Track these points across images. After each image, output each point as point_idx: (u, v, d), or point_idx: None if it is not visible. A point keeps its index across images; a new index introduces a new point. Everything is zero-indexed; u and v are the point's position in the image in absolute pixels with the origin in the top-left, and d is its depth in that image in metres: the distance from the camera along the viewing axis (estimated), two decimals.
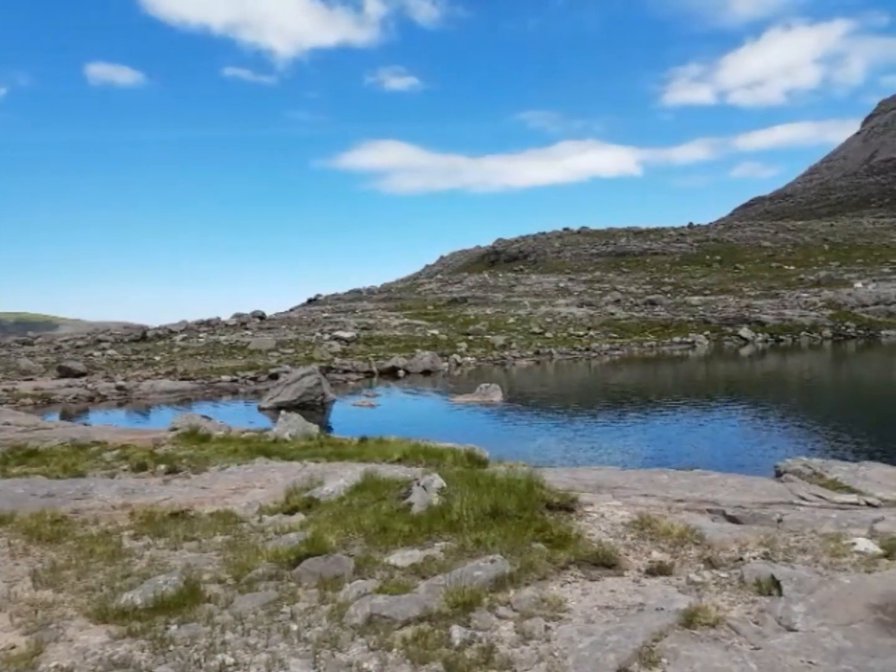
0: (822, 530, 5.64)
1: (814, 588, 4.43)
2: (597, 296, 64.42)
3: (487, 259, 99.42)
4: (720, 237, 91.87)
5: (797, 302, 56.78)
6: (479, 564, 5.03)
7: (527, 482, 6.78)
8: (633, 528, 5.89)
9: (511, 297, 66.83)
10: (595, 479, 7.85)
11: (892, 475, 8.00)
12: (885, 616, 4.12)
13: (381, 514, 6.53)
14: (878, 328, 50.13)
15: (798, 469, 8.12)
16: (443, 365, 38.40)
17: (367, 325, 50.64)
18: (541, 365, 40.19)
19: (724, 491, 7.05)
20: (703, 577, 4.84)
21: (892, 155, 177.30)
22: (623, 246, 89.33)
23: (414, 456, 9.23)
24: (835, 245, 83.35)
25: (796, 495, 6.86)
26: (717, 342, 47.95)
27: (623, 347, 45.91)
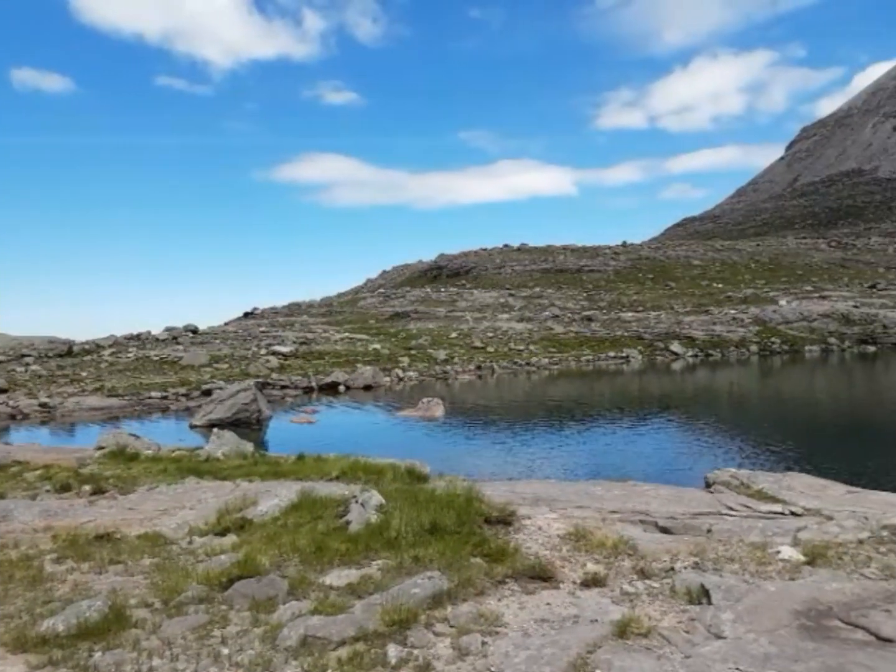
0: (748, 539, 5.83)
1: (741, 596, 4.57)
2: (536, 311, 65.44)
3: (430, 274, 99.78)
4: (652, 256, 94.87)
5: (725, 318, 59.00)
6: (416, 582, 5.00)
7: (466, 497, 6.79)
8: (569, 540, 5.96)
9: (453, 311, 67.18)
10: (533, 492, 7.92)
11: (814, 485, 8.35)
12: (807, 621, 4.29)
13: (318, 533, 6.41)
14: (802, 344, 52.56)
15: (726, 480, 8.39)
16: (385, 380, 38.17)
17: (307, 339, 49.94)
18: (482, 379, 40.45)
19: (657, 502, 7.22)
20: (636, 587, 4.93)
21: (814, 179, 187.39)
22: (561, 263, 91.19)
23: (353, 473, 9.11)
24: (761, 264, 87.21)
25: (725, 505, 7.08)
26: (650, 357, 49.33)
27: (561, 362, 46.70)
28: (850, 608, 4.43)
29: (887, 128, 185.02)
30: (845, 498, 7.71)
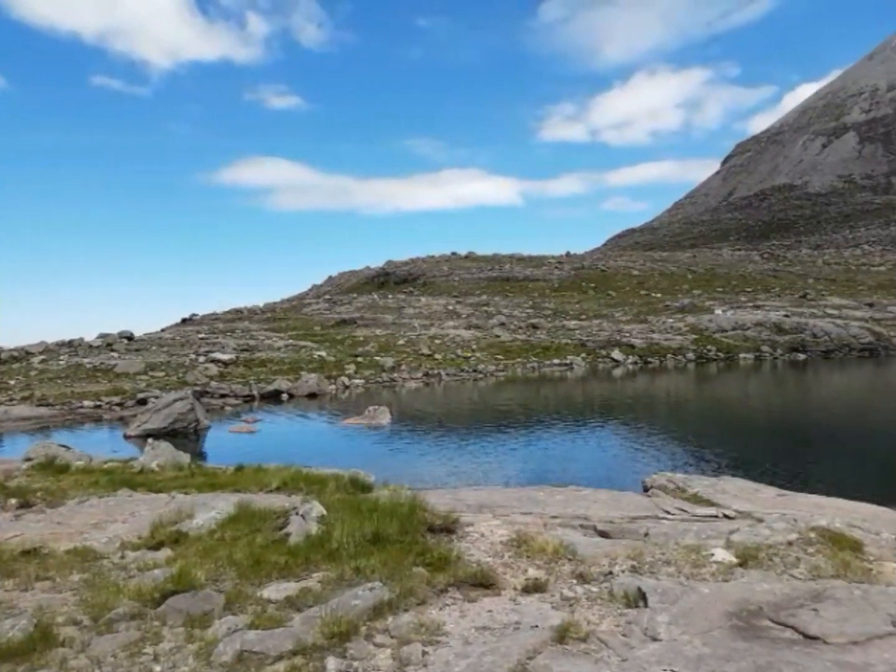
0: (684, 542, 5.98)
1: (677, 598, 4.68)
2: (483, 318, 65.89)
3: (377, 280, 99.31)
4: (595, 266, 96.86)
5: (664, 327, 60.64)
6: (357, 593, 4.95)
7: (410, 506, 6.77)
8: (512, 546, 6.00)
9: (401, 318, 67.00)
10: (477, 499, 7.94)
11: (746, 489, 8.64)
12: (739, 622, 4.42)
13: (256, 546, 6.28)
14: (736, 351, 54.42)
15: (663, 484, 8.59)
16: (330, 387, 37.71)
17: (248, 346, 48.94)
18: (430, 386, 40.43)
19: (596, 506, 7.34)
20: (575, 592, 4.99)
21: (747, 193, 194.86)
22: (508, 272, 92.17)
23: (294, 484, 8.95)
24: (697, 275, 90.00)
25: (661, 509, 7.25)
26: (593, 364, 50.25)
27: (508, 368, 47.11)
28: (780, 608, 4.58)
29: (817, 145, 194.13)
30: (776, 501, 8.00)
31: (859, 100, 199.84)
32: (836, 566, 5.37)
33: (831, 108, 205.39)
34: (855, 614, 4.47)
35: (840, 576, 5.23)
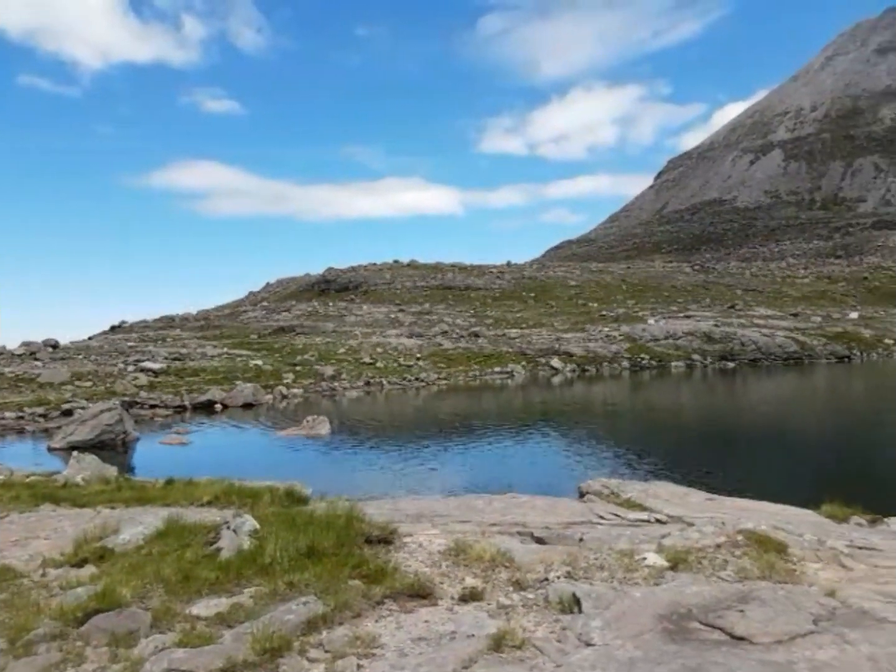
0: (617, 547, 6.09)
1: (610, 603, 4.75)
2: (426, 327, 65.92)
3: (318, 287, 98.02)
4: (534, 276, 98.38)
5: (600, 336, 62.02)
6: (290, 607, 4.86)
7: (347, 517, 6.68)
8: (450, 555, 5.98)
9: (342, 326, 66.33)
10: (416, 508, 7.90)
11: (677, 493, 8.88)
12: (669, 625, 4.51)
13: (185, 561, 6.08)
14: (668, 360, 56.11)
15: (598, 489, 8.76)
16: (266, 397, 36.94)
17: (180, 355, 47.52)
18: (371, 395, 40.13)
19: (534, 513, 7.41)
20: (512, 599, 5.01)
21: (679, 207, 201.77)
22: (450, 280, 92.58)
23: (227, 497, 8.70)
24: (631, 285, 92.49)
25: (596, 514, 7.37)
26: (533, 372, 50.93)
27: (450, 377, 47.25)
28: (709, 610, 4.71)
29: (745, 162, 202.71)
30: (705, 504, 8.25)
31: (785, 119, 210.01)
32: (761, 568, 5.56)
33: (759, 127, 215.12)
34: (779, 614, 4.63)
35: (766, 577, 5.41)
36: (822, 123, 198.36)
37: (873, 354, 57.47)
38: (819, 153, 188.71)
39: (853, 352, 57.35)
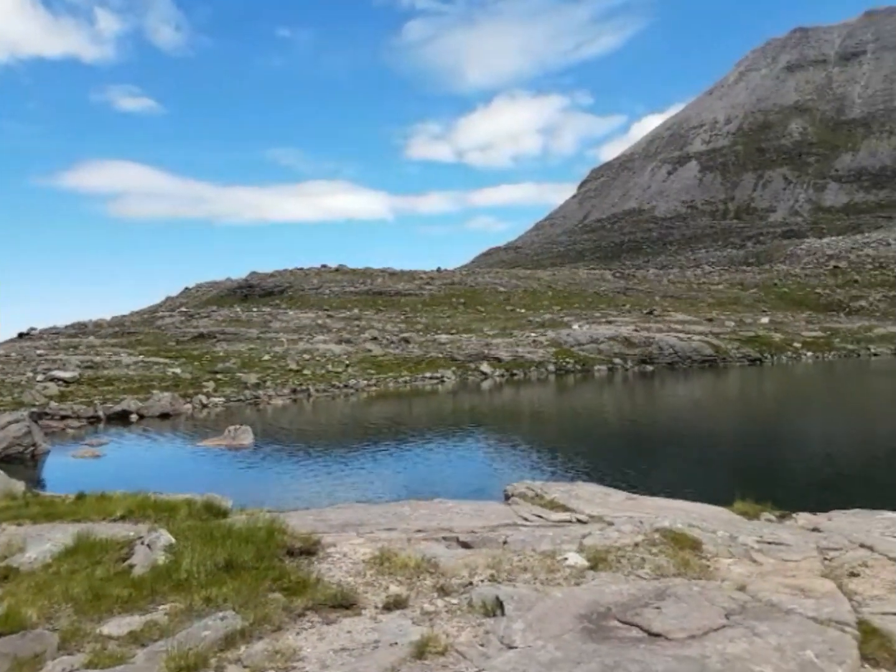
0: (540, 548, 6.17)
1: (532, 605, 4.80)
2: (355, 333, 65.30)
3: (240, 292, 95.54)
4: (464, 282, 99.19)
5: (527, 341, 63.07)
6: (207, 623, 4.70)
7: (267, 530, 6.52)
8: (374, 564, 5.91)
9: (266, 332, 64.86)
10: (341, 518, 7.78)
11: (598, 493, 9.09)
12: (590, 624, 4.60)
13: (96, 579, 5.80)
14: (592, 364, 57.59)
15: (523, 492, 8.86)
16: (185, 407, 35.67)
17: (94, 363, 45.36)
18: (298, 403, 39.37)
19: (460, 517, 7.42)
20: (436, 605, 5.00)
21: (601, 216, 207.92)
22: (380, 286, 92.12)
23: (141, 512, 8.32)
24: (557, 292, 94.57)
25: (520, 517, 7.45)
26: (463, 377, 51.27)
27: (380, 383, 46.94)
28: (627, 608, 4.82)
29: (663, 172, 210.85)
30: (625, 504, 8.48)
31: (700, 131, 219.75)
32: (677, 565, 5.74)
33: (676, 139, 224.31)
34: (694, 610, 4.79)
35: (681, 574, 5.60)
36: (735, 136, 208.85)
37: (783, 357, 60.68)
38: (732, 165, 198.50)
39: (764, 355, 60.38)
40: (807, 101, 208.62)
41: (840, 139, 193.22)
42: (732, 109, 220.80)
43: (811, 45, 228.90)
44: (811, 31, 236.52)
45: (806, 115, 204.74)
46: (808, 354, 61.55)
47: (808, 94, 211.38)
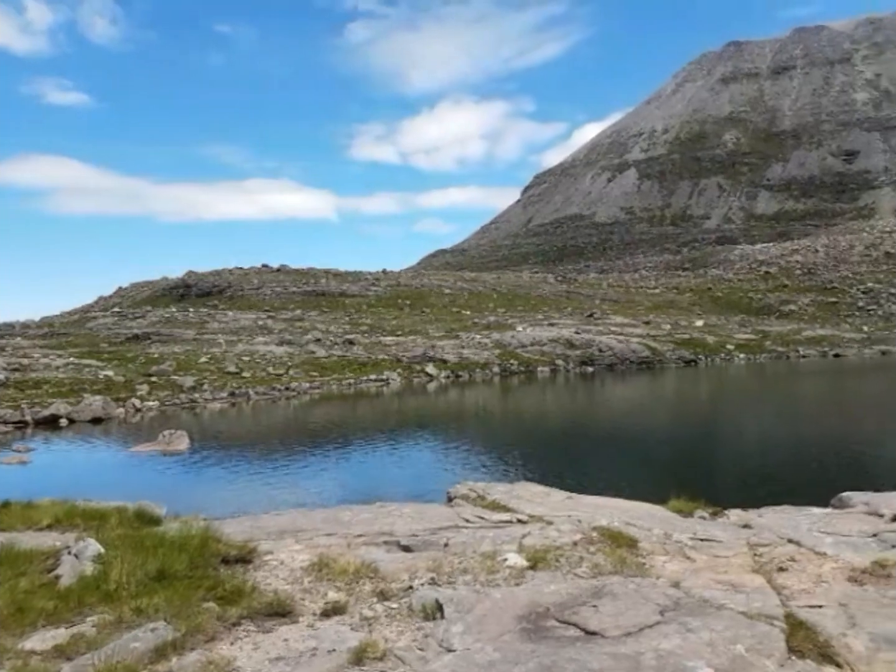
0: (481, 550, 6.19)
1: (471, 606, 4.80)
2: (297, 334, 64.30)
3: (177, 292, 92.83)
4: (410, 283, 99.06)
5: (472, 342, 63.44)
6: (137, 635, 4.54)
7: (201, 538, 6.34)
8: (312, 570, 5.82)
9: (204, 334, 63.22)
10: (279, 524, 7.63)
11: (539, 493, 9.19)
12: (528, 624, 4.62)
13: (19, 591, 5.53)
14: (535, 365, 58.33)
15: (465, 493, 8.88)
16: (118, 411, 34.40)
17: (21, 365, 43.36)
18: (236, 407, 38.47)
19: (402, 521, 7.37)
20: (375, 610, 4.95)
21: (544, 221, 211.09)
22: (324, 286, 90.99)
23: (70, 520, 7.98)
24: (501, 294, 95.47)
25: (462, 518, 7.46)
26: (408, 379, 51.14)
27: (323, 386, 46.33)
28: (565, 607, 4.87)
29: (603, 179, 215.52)
30: (564, 503, 8.59)
31: (639, 140, 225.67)
32: (614, 563, 5.84)
33: (616, 147, 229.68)
34: (629, 607, 4.88)
35: (618, 572, 5.69)
36: (672, 145, 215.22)
37: (716, 359, 62.76)
38: (669, 173, 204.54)
39: (698, 356, 62.32)
40: (740, 112, 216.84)
41: (771, 150, 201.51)
42: (669, 119, 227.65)
43: (745, 58, 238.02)
44: (744, 45, 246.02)
45: (739, 125, 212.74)
46: (741, 356, 63.82)
47: (741, 105, 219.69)
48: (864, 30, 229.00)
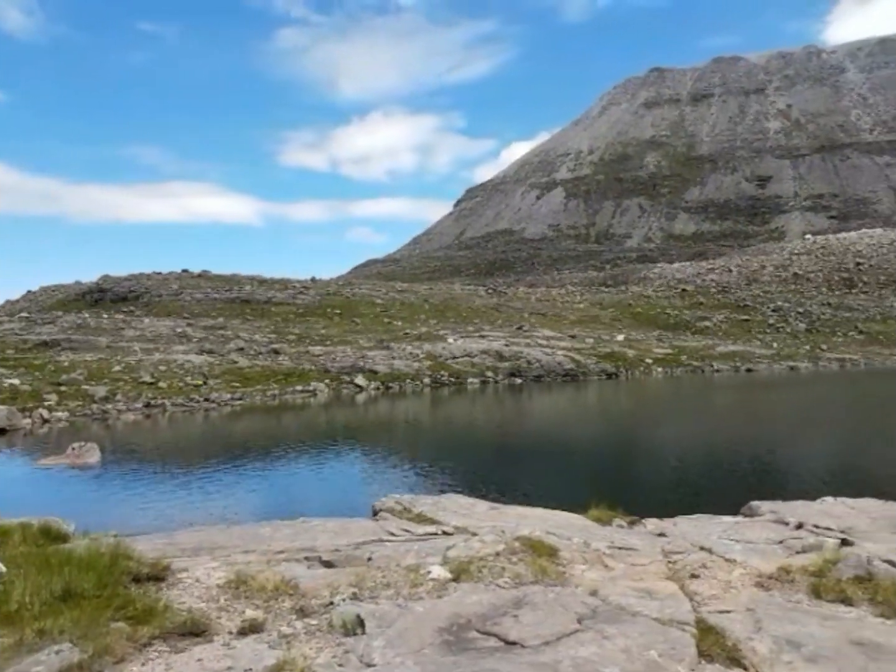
0: (405, 563, 6.15)
1: (393, 621, 4.77)
2: (219, 343, 62.45)
3: (91, 297, 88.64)
4: (340, 292, 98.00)
5: (404, 353, 63.28)
6: (40, 658, 4.28)
7: (111, 555, 6.05)
8: (229, 588, 5.64)
9: (118, 341, 60.55)
10: (195, 541, 7.36)
11: (464, 504, 9.24)
12: (450, 636, 4.63)
13: None
14: (465, 376, 58.69)
15: (391, 506, 8.82)
16: (24, 422, 32.46)
17: None
18: (152, 418, 36.96)
19: (324, 536, 7.25)
20: (294, 627, 4.84)
21: (476, 234, 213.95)
22: (248, 293, 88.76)
23: None
24: (433, 305, 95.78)
25: (387, 532, 7.40)
26: (337, 390, 50.49)
27: (245, 397, 45.10)
28: (486, 618, 4.90)
29: (532, 196, 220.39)
30: (489, 514, 8.66)
31: (566, 160, 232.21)
32: (535, 573, 5.92)
33: (544, 165, 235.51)
34: (549, 616, 4.95)
35: (538, 581, 5.77)
36: (597, 166, 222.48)
37: (636, 372, 64.84)
38: (594, 193, 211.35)
39: (619, 369, 64.21)
40: (661, 136, 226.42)
41: (690, 173, 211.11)
42: (595, 140, 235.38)
43: (666, 84, 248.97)
44: (667, 71, 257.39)
45: (660, 149, 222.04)
46: (659, 370, 66.17)
47: (662, 129, 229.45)
48: (776, 62, 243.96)
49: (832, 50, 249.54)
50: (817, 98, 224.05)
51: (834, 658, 4.44)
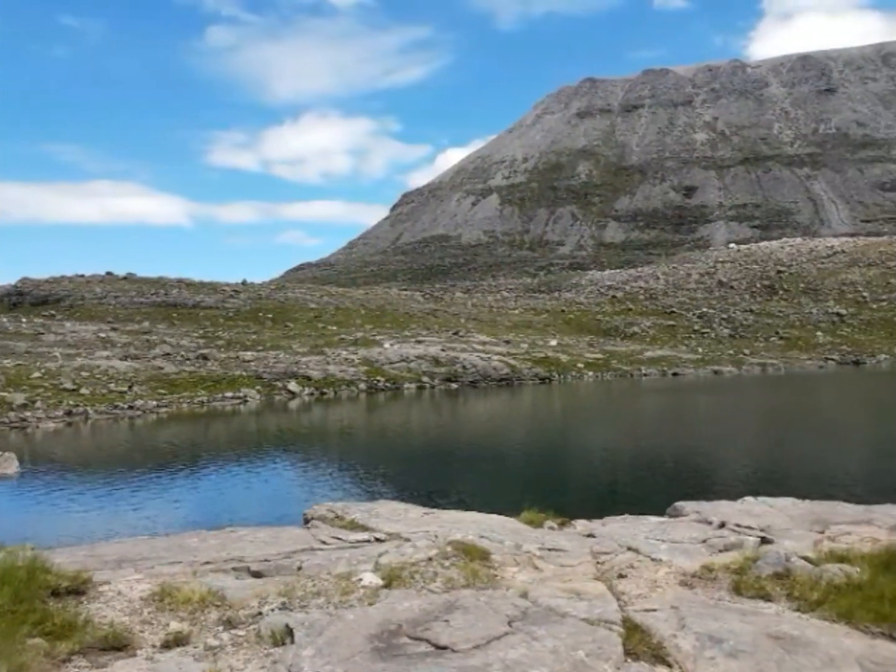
0: (336, 571, 6.09)
1: (323, 629, 4.71)
2: (144, 348, 60.31)
3: (9, 300, 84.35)
4: (272, 296, 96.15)
5: (339, 359, 62.60)
6: None
7: (28, 569, 5.76)
8: (153, 601, 5.46)
9: (38, 346, 57.72)
10: (118, 553, 7.09)
11: (398, 510, 9.21)
12: (380, 643, 4.61)
13: None
14: (402, 382, 58.57)
15: (323, 514, 8.71)
16: None
17: None
18: (73, 427, 35.36)
19: (253, 546, 7.10)
20: (221, 639, 4.73)
21: (412, 239, 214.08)
22: (175, 297, 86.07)
23: None
24: (369, 310, 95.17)
25: (318, 540, 7.31)
26: (269, 396, 49.51)
27: (172, 404, 43.68)
28: (417, 623, 4.91)
29: (468, 203, 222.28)
30: (422, 519, 8.66)
31: (501, 167, 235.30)
32: (466, 576, 5.96)
33: (480, 172, 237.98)
34: (479, 620, 4.99)
35: (470, 585, 5.81)
36: (531, 174, 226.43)
37: (568, 376, 66.15)
38: (528, 200, 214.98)
39: (552, 374, 65.37)
40: (593, 146, 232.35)
41: (620, 183, 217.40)
42: (529, 149, 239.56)
43: (599, 95, 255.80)
44: (599, 82, 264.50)
45: (592, 159, 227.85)
46: (590, 374, 67.69)
47: (594, 139, 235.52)
48: (703, 76, 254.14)
49: (756, 65, 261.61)
50: (742, 111, 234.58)
51: (753, 652, 4.64)
